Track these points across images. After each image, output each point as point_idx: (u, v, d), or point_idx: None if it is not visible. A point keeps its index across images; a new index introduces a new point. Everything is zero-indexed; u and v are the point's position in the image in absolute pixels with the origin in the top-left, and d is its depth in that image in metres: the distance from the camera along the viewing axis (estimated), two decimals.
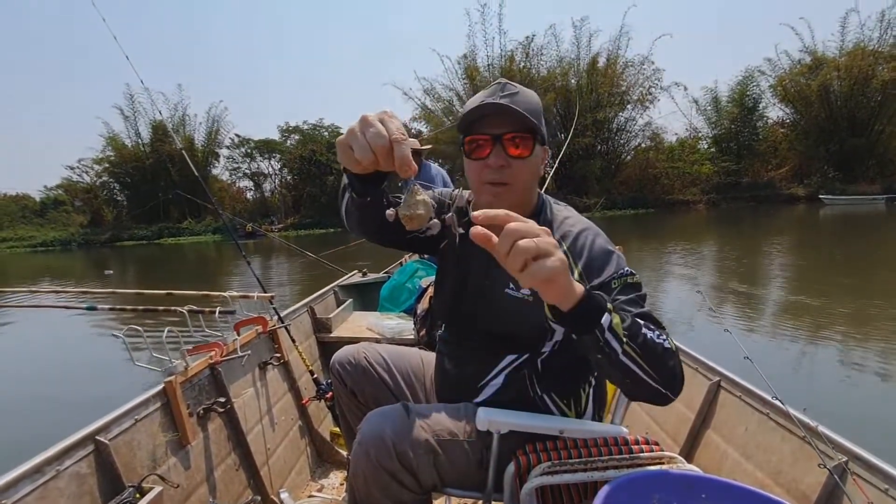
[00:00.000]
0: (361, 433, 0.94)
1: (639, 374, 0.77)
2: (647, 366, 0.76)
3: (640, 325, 0.78)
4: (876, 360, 3.63)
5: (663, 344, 0.79)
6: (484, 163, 0.96)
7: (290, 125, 30.60)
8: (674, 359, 0.80)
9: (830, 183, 23.48)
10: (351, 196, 0.96)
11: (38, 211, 31.93)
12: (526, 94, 0.97)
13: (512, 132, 0.95)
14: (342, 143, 0.75)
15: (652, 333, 0.79)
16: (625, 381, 0.80)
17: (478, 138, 0.97)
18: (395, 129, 0.70)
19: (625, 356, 0.75)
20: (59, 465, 1.02)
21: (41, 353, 5.65)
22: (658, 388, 0.79)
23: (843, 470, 0.98)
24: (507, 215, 0.64)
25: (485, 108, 0.94)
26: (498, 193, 0.98)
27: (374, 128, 0.70)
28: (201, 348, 1.52)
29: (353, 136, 0.72)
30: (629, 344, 0.75)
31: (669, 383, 0.80)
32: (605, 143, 26.86)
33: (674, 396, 0.82)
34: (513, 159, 0.96)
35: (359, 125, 0.72)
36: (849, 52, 23.99)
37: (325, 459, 2.05)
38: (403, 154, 0.70)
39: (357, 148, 0.72)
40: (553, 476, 0.92)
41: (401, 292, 2.81)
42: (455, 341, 1.13)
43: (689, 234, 14.36)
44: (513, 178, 0.97)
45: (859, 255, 8.30)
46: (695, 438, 1.44)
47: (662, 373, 0.78)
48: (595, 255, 0.95)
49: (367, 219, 1.01)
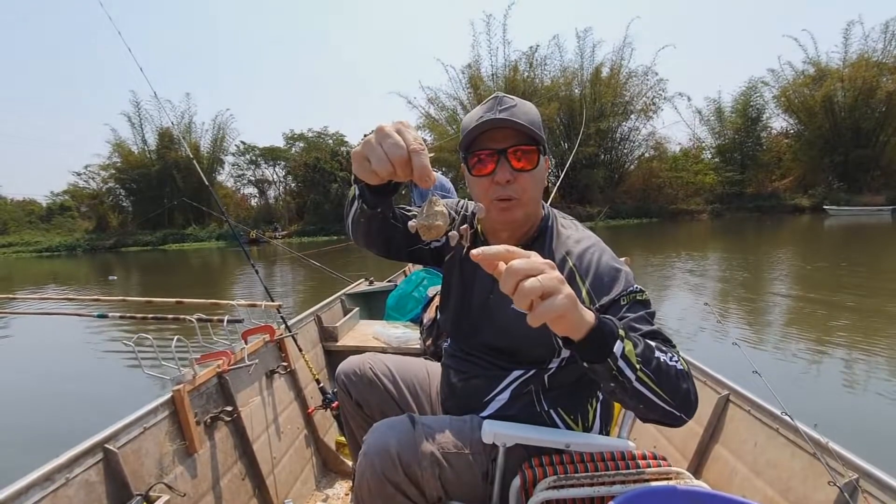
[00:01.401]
0: (367, 444, 0.94)
1: (653, 400, 0.76)
2: (661, 391, 0.76)
3: (653, 348, 0.77)
4: (886, 374, 3.59)
5: (676, 366, 0.78)
6: (490, 179, 0.95)
7: (295, 133, 30.90)
8: (687, 381, 0.80)
9: (835, 194, 23.43)
10: (360, 207, 0.96)
11: (44, 216, 32.20)
12: (524, 106, 0.96)
13: (515, 145, 0.94)
14: (358, 154, 0.74)
15: (665, 356, 0.78)
16: (638, 407, 0.79)
17: (481, 154, 0.95)
18: (412, 140, 0.69)
19: (639, 383, 0.74)
20: (69, 472, 1.03)
21: (53, 358, 5.69)
22: (672, 412, 0.78)
23: (854, 487, 0.97)
24: (508, 251, 0.63)
25: (486, 123, 0.93)
26: (506, 209, 0.97)
27: (391, 138, 0.69)
28: (209, 357, 1.52)
29: (370, 147, 0.71)
30: (643, 370, 0.74)
31: (684, 406, 0.79)
32: (608, 153, 26.98)
33: (688, 418, 0.81)
34: (518, 173, 0.95)
35: (376, 136, 0.71)
36: (852, 64, 24.05)
37: (331, 469, 2.05)
38: (423, 164, 0.69)
39: (375, 159, 0.70)
40: (559, 490, 0.90)
41: (407, 301, 2.81)
42: (461, 355, 1.13)
43: (694, 244, 14.32)
44: (520, 192, 0.96)
45: (865, 267, 8.25)
46: (703, 453, 1.41)
47: (677, 396, 0.78)
48: (602, 272, 0.94)
49: (375, 230, 1.01)
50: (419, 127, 28.58)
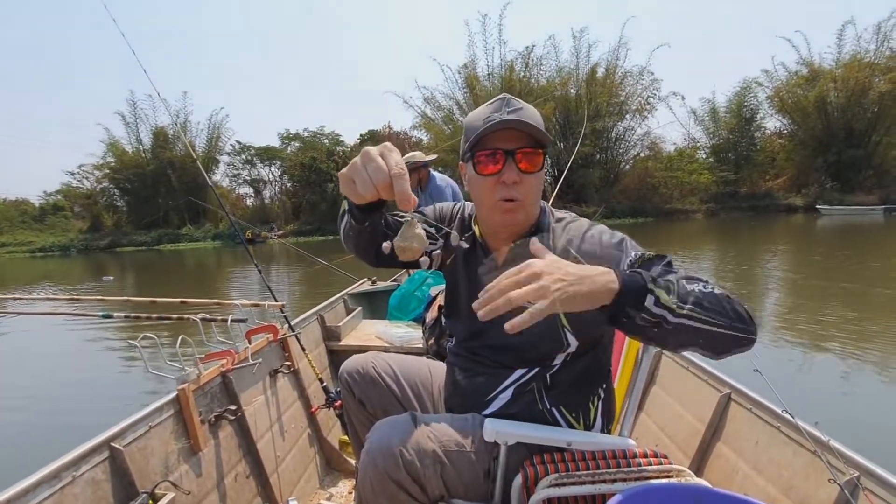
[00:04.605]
0: (369, 442, 0.95)
1: (706, 328, 0.74)
2: (710, 317, 0.74)
3: (684, 283, 0.76)
4: (886, 371, 3.60)
5: (714, 291, 0.77)
6: (497, 178, 0.96)
7: (291, 132, 30.78)
8: (730, 301, 0.77)
9: (828, 193, 23.61)
10: (350, 222, 0.98)
11: (38, 216, 31.87)
12: (530, 110, 0.97)
13: (524, 147, 0.95)
14: (345, 176, 0.77)
15: (698, 286, 0.77)
16: (698, 342, 0.77)
17: (489, 153, 0.96)
18: (394, 164, 0.72)
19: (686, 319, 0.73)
20: (76, 470, 1.04)
21: (57, 358, 5.68)
22: (731, 334, 0.76)
23: (855, 485, 0.96)
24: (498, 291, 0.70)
25: (499, 123, 0.93)
26: (510, 210, 0.98)
27: (374, 162, 0.73)
28: (213, 356, 1.53)
29: (356, 169, 0.75)
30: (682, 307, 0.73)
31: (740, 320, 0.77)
32: (603, 153, 27.03)
33: (752, 334, 0.78)
34: (524, 175, 0.96)
35: (361, 159, 0.75)
36: (845, 64, 24.23)
37: (334, 468, 2.05)
38: (402, 189, 0.72)
39: (360, 181, 0.74)
40: (560, 488, 0.91)
41: (410, 301, 2.82)
42: (466, 354, 1.14)
43: (690, 242, 14.38)
44: (524, 194, 0.97)
45: (859, 264, 8.32)
46: (705, 452, 1.42)
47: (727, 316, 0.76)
48: (606, 251, 0.96)
49: (364, 243, 1.03)
50: (415, 126, 28.64)
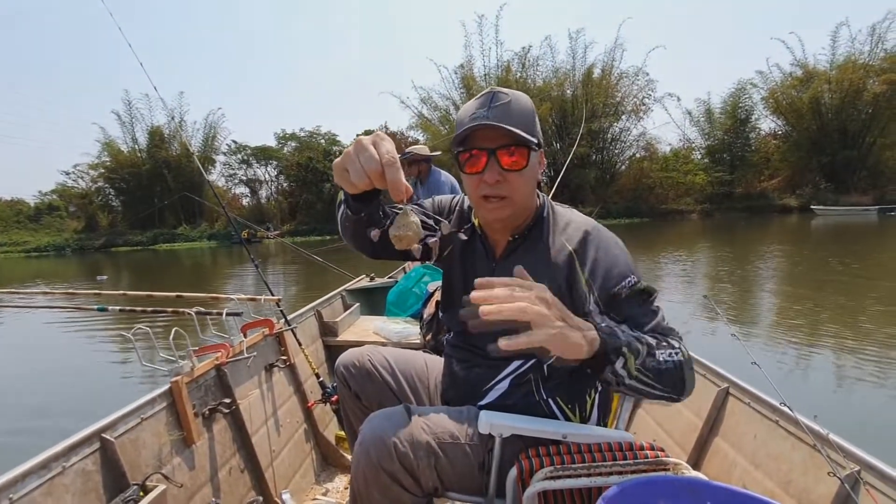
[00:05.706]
0: (363, 433, 0.94)
1: (648, 391, 0.82)
2: (658, 386, 0.82)
3: (654, 350, 0.82)
4: (885, 366, 3.62)
5: (675, 360, 0.83)
6: (479, 177, 0.95)
7: (287, 132, 30.67)
8: (683, 370, 0.84)
9: (822, 194, 23.70)
10: (346, 212, 0.98)
11: (33, 216, 31.63)
12: (519, 101, 0.96)
13: (505, 145, 0.93)
14: (338, 166, 0.77)
15: (664, 354, 0.83)
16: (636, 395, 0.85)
17: (472, 152, 0.95)
18: (384, 153, 0.72)
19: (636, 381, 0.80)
20: (66, 461, 1.03)
21: (50, 351, 5.68)
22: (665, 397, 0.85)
23: (856, 479, 0.96)
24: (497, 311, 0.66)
25: (479, 126, 0.92)
26: (495, 208, 0.98)
27: (367, 152, 0.73)
28: (208, 349, 1.52)
29: (350, 159, 0.75)
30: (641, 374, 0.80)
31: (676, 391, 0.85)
32: (599, 153, 27.08)
33: (679, 400, 0.86)
34: (508, 172, 0.95)
35: (354, 149, 0.74)
36: (840, 66, 24.30)
37: (330, 463, 2.04)
38: (395, 178, 0.71)
39: (353, 172, 0.74)
40: (556, 481, 0.90)
41: (408, 297, 2.82)
42: (464, 346, 1.13)
43: (686, 242, 14.43)
44: (510, 191, 0.96)
45: (855, 263, 8.37)
46: (703, 446, 1.41)
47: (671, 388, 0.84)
48: (601, 260, 0.95)
49: (361, 233, 1.02)
50: (412, 126, 28.60)
